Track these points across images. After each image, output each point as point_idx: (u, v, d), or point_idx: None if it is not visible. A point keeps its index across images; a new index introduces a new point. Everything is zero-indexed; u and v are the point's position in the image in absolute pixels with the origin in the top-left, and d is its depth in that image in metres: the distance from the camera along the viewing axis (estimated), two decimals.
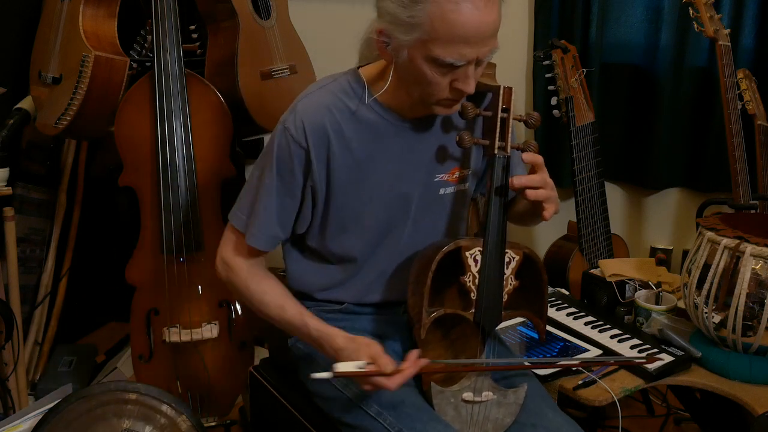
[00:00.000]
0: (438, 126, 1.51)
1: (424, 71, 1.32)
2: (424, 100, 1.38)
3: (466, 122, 1.50)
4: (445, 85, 1.34)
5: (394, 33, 1.31)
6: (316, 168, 1.44)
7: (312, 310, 1.58)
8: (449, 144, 1.50)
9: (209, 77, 2.27)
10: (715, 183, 2.69)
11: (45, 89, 2.21)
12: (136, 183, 2.15)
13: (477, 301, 1.39)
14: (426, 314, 1.37)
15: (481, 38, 1.28)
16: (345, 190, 1.47)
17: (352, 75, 1.47)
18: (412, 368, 1.32)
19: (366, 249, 1.53)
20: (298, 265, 1.60)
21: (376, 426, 1.40)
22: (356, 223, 1.50)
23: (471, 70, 1.32)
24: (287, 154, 1.43)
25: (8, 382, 2.27)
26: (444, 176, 1.52)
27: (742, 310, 1.65)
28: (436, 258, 1.37)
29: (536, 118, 1.44)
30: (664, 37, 2.63)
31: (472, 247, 1.39)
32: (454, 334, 1.50)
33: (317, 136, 1.42)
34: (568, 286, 2.40)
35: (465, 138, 1.41)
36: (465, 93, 1.35)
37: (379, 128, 1.46)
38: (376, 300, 1.59)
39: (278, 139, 1.45)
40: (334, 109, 1.43)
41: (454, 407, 1.41)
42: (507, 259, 1.41)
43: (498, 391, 1.43)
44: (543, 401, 1.48)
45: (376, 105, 1.45)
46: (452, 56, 1.28)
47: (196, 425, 1.80)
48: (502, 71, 2.80)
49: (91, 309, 2.84)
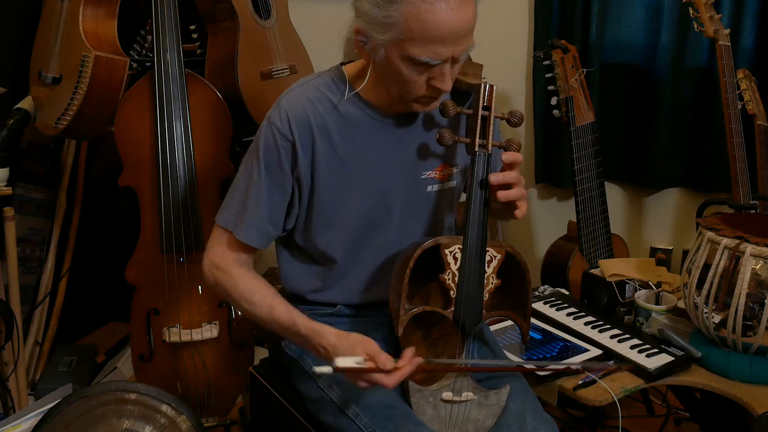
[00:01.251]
0: (422, 123, 1.51)
1: (400, 70, 1.34)
2: (402, 97, 1.40)
3: (450, 120, 1.51)
4: (422, 83, 1.36)
5: (370, 32, 1.33)
6: (302, 160, 1.45)
7: (306, 314, 1.59)
8: (434, 141, 1.50)
9: (209, 77, 2.27)
10: (715, 183, 2.69)
11: (45, 89, 2.21)
12: (136, 183, 2.15)
13: (456, 300, 1.39)
14: (403, 311, 1.37)
15: (456, 37, 1.30)
16: (328, 184, 1.48)
17: (335, 71, 1.50)
18: (408, 366, 1.32)
19: (351, 247, 1.54)
20: (289, 266, 1.61)
21: (353, 427, 1.40)
22: (340, 218, 1.51)
23: (447, 68, 1.34)
24: (274, 147, 1.45)
25: (8, 382, 2.27)
26: (431, 173, 1.53)
27: (742, 310, 1.65)
28: (415, 255, 1.37)
29: (518, 116, 1.43)
30: (664, 37, 2.63)
31: (451, 245, 1.39)
32: (435, 334, 1.49)
33: (302, 128, 1.44)
34: (568, 286, 2.40)
35: (446, 136, 1.41)
36: (442, 91, 1.37)
37: (361, 122, 1.47)
38: (368, 301, 1.59)
39: (264, 133, 1.46)
40: (317, 102, 1.45)
41: (433, 407, 1.41)
42: (488, 257, 1.41)
43: (479, 392, 1.42)
44: (525, 403, 1.47)
45: (358, 100, 1.47)
46: (427, 55, 1.30)
47: (196, 425, 1.80)
48: (502, 71, 2.81)
49: (91, 309, 2.84)
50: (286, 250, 1.61)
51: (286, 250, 1.61)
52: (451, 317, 1.40)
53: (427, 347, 1.48)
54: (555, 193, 2.98)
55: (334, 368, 1.29)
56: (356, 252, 1.54)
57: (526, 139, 2.93)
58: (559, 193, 2.97)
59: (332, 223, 1.51)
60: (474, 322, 1.41)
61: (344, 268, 1.56)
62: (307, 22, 2.49)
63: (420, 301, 1.44)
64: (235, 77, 2.25)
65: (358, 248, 1.54)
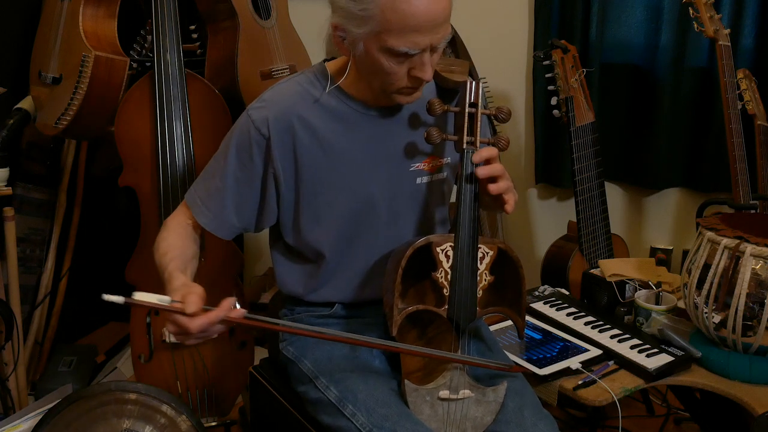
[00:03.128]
0: (408, 115, 1.52)
1: (380, 62, 1.35)
2: (384, 89, 1.41)
3: (436, 118, 1.51)
4: (403, 74, 1.37)
5: (348, 27, 1.35)
6: (278, 156, 1.46)
7: (303, 315, 1.62)
8: (421, 134, 1.49)
9: (209, 77, 2.27)
10: (715, 183, 2.69)
11: (45, 89, 2.21)
12: (136, 183, 2.15)
13: (450, 298, 1.39)
14: (397, 311, 1.37)
15: (433, 26, 1.31)
16: (314, 179, 1.49)
17: (318, 67, 1.52)
18: (219, 312, 1.29)
19: (341, 242, 1.54)
20: (284, 268, 1.62)
21: (350, 427, 1.40)
22: (328, 212, 1.51)
23: (427, 57, 1.35)
24: (247, 140, 1.47)
25: (8, 382, 2.27)
26: (419, 165, 1.53)
27: (742, 310, 1.65)
28: (406, 254, 1.37)
29: (506, 112, 1.43)
30: (664, 37, 2.63)
31: (443, 243, 1.39)
32: (431, 332, 1.49)
33: (281, 124, 1.45)
34: (568, 286, 2.40)
35: (434, 134, 1.41)
36: (424, 81, 1.38)
37: (344, 116, 1.48)
38: (363, 299, 1.59)
39: (241, 125, 1.48)
40: (299, 97, 1.47)
41: (430, 405, 1.40)
42: (480, 254, 1.41)
43: (477, 389, 1.42)
44: (523, 399, 1.47)
45: (340, 93, 1.48)
46: (406, 45, 1.31)
47: (196, 425, 1.79)
48: (502, 71, 2.81)
49: (91, 309, 2.84)
50: (279, 253, 1.62)
51: (279, 252, 1.62)
52: (445, 315, 1.40)
53: (424, 346, 1.48)
54: (555, 193, 2.98)
55: (126, 300, 1.27)
56: (348, 247, 1.54)
57: (526, 139, 2.93)
58: (559, 193, 2.97)
59: (321, 217, 1.52)
60: (468, 320, 1.41)
61: (336, 265, 1.56)
62: (307, 22, 2.48)
63: (415, 299, 1.44)
64: (235, 77, 2.25)
65: (349, 243, 1.54)
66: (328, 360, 1.53)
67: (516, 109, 2.91)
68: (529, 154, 2.92)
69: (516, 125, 2.93)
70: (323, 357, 1.54)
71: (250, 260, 3.12)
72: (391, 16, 1.28)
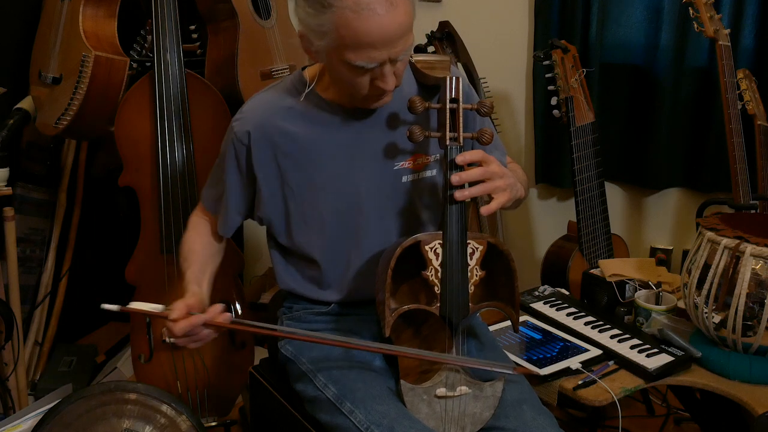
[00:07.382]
0: (390, 114, 1.52)
1: (343, 72, 1.37)
2: (352, 96, 1.44)
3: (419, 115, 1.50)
4: (365, 84, 1.38)
5: (310, 38, 1.37)
6: (259, 163, 1.51)
7: (302, 312, 1.64)
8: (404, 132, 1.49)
9: (209, 77, 2.27)
10: (715, 183, 2.68)
11: (45, 89, 2.21)
12: (136, 183, 2.15)
13: (441, 295, 1.39)
14: (389, 312, 1.37)
15: (389, 41, 1.31)
16: (298, 183, 1.52)
17: (297, 74, 1.55)
18: (202, 317, 1.38)
19: (331, 244, 1.55)
20: (281, 266, 1.64)
21: (348, 424, 1.41)
22: (316, 215, 1.53)
23: (387, 68, 1.36)
24: (233, 150, 1.53)
25: (8, 382, 2.27)
26: (404, 164, 1.53)
27: (742, 310, 1.65)
28: (395, 254, 1.37)
29: (488, 105, 1.42)
30: (664, 37, 2.63)
31: (431, 241, 1.39)
32: (425, 330, 1.49)
33: (259, 133, 1.50)
34: (568, 286, 2.40)
35: (416, 132, 1.40)
36: (387, 90, 1.39)
37: (324, 119, 1.50)
38: (358, 298, 1.59)
39: (227, 135, 1.56)
40: (276, 105, 1.51)
41: (427, 404, 1.40)
42: (470, 250, 1.40)
43: (474, 384, 1.42)
44: (522, 394, 1.47)
45: (317, 97, 1.51)
46: (362, 60, 1.32)
47: (196, 425, 1.80)
48: (502, 71, 2.81)
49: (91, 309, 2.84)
50: (276, 251, 1.64)
51: (276, 251, 1.64)
52: (438, 313, 1.40)
53: (419, 345, 1.48)
54: (555, 193, 2.98)
55: (121, 308, 1.39)
56: (338, 249, 1.55)
57: (526, 139, 2.93)
58: (559, 193, 2.97)
59: (309, 220, 1.54)
60: (461, 316, 1.40)
61: (328, 266, 1.57)
62: None
63: (408, 299, 1.44)
64: (235, 77, 2.25)
65: (339, 245, 1.55)
66: (326, 358, 1.53)
67: (516, 109, 2.91)
68: (529, 154, 2.92)
69: (516, 125, 2.93)
70: (321, 355, 1.55)
71: (250, 260, 3.12)
72: (345, 32, 1.29)
